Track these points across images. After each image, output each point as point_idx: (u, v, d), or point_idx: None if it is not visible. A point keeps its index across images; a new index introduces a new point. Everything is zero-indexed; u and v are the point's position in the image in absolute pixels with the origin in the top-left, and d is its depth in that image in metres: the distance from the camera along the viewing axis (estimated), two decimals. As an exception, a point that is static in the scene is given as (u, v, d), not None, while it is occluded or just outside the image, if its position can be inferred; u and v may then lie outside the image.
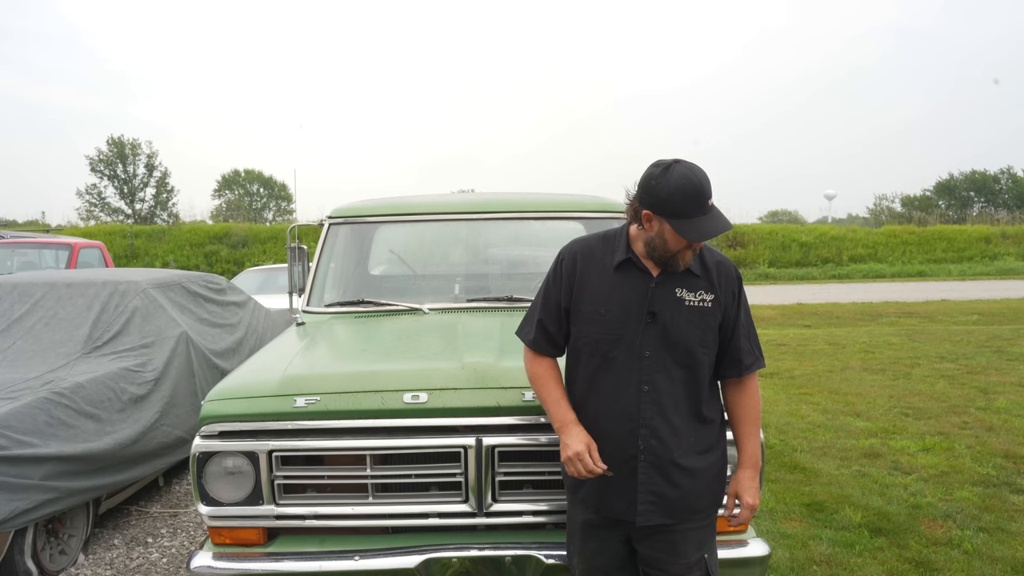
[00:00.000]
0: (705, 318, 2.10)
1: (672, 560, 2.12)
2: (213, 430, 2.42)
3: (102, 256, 10.14)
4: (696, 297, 2.10)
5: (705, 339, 2.11)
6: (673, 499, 2.10)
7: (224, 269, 24.27)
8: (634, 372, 2.08)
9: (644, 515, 2.10)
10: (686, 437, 2.10)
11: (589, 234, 2.33)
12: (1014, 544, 3.76)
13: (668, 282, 2.11)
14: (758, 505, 2.19)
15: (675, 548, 2.13)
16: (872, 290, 19.62)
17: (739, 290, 2.17)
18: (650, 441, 2.07)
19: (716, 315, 2.12)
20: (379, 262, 4.26)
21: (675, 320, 2.08)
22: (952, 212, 43.14)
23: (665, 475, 2.08)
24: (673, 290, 2.10)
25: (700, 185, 1.97)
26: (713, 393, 2.20)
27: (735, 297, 2.15)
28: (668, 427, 2.08)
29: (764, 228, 30.07)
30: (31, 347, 4.22)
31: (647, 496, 2.09)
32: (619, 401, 2.09)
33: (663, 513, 2.10)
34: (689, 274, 2.11)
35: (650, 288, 2.10)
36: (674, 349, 2.08)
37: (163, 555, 3.97)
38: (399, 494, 2.49)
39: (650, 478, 2.08)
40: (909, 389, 7.31)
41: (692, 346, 2.09)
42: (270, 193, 54.71)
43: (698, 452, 2.12)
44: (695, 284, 2.11)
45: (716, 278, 2.13)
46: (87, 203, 41.88)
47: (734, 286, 2.15)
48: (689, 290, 2.10)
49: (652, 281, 2.11)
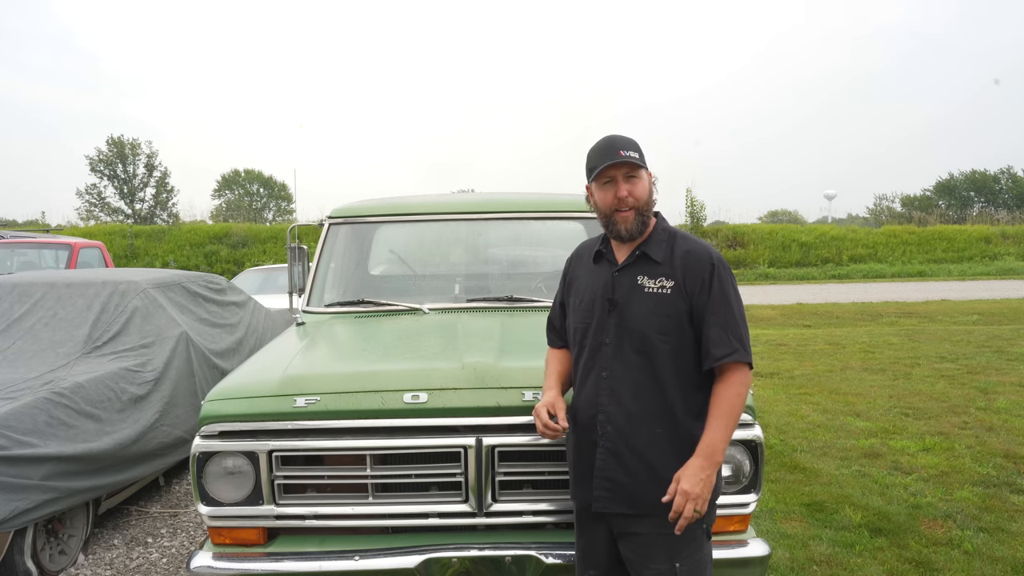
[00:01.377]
0: (663, 305, 2.06)
1: (642, 563, 2.09)
2: (213, 430, 2.42)
3: (102, 256, 10.14)
4: (655, 284, 2.09)
5: (664, 327, 2.06)
6: (627, 487, 2.07)
7: (224, 269, 24.27)
8: (597, 359, 2.13)
9: (599, 501, 2.11)
10: (647, 427, 2.06)
11: (597, 236, 2.36)
12: (1014, 544, 3.76)
13: (630, 270, 2.13)
14: (698, 497, 1.95)
15: (644, 551, 2.09)
16: (872, 290, 19.62)
17: (710, 278, 2.07)
18: (607, 427, 2.09)
19: (677, 303, 2.06)
20: (379, 262, 4.26)
21: (632, 306, 2.09)
22: (952, 212, 43.15)
23: (620, 462, 2.08)
24: (635, 277, 2.12)
25: (611, 139, 2.11)
26: (691, 387, 2.08)
27: (704, 285, 2.06)
28: (623, 414, 2.07)
29: (764, 228, 30.08)
30: (31, 347, 4.22)
31: (602, 482, 2.10)
32: (586, 387, 2.16)
33: (618, 501, 2.09)
34: (651, 261, 2.11)
35: (612, 276, 2.14)
36: (630, 336, 2.08)
37: (163, 555, 3.97)
38: (399, 494, 2.49)
39: (606, 463, 2.10)
40: (909, 389, 7.31)
41: (648, 333, 2.06)
42: (270, 193, 54.73)
43: (667, 447, 2.05)
44: (656, 271, 2.10)
45: (680, 265, 2.09)
46: (87, 203, 41.93)
47: (704, 273, 2.07)
48: (650, 277, 2.10)
49: (615, 268, 2.15)
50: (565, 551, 2.38)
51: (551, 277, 3.85)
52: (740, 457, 2.41)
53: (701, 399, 2.08)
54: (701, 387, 2.09)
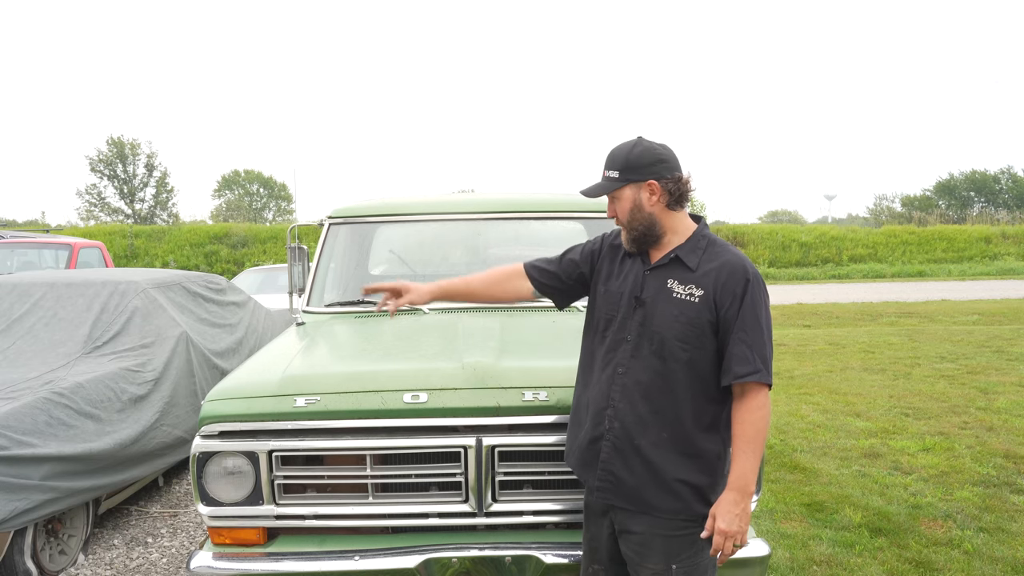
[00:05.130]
0: (688, 313, 2.03)
1: (640, 563, 2.10)
2: (213, 430, 2.42)
3: (102, 256, 10.14)
4: (684, 290, 2.06)
5: (685, 335, 2.03)
6: (628, 484, 2.08)
7: (224, 269, 24.28)
8: (616, 354, 2.12)
9: (599, 491, 2.13)
10: (654, 430, 2.05)
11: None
12: (1014, 544, 3.76)
13: (663, 271, 2.11)
14: (737, 533, 1.98)
15: (641, 550, 2.09)
16: (872, 290, 19.62)
17: (744, 293, 2.03)
18: (614, 423, 2.09)
19: (703, 313, 2.03)
20: (379, 262, 4.26)
21: (657, 309, 2.08)
22: (952, 212, 43.19)
23: (624, 459, 2.08)
24: (665, 280, 2.10)
25: (609, 154, 2.15)
26: (704, 399, 2.06)
27: (736, 299, 2.02)
28: (633, 414, 2.07)
29: (764, 228, 30.10)
30: (31, 347, 4.22)
31: (604, 475, 2.11)
32: (601, 380, 2.15)
33: (617, 495, 2.10)
34: (684, 267, 2.09)
35: (644, 274, 2.13)
36: (651, 338, 2.07)
37: (163, 555, 3.97)
38: (399, 494, 2.49)
39: (610, 458, 2.10)
40: (909, 389, 7.31)
41: (668, 338, 2.04)
42: (270, 193, 54.78)
43: (672, 453, 2.04)
44: (687, 277, 2.08)
45: (714, 276, 2.05)
46: (87, 203, 41.98)
47: (737, 287, 2.03)
48: (680, 282, 2.08)
49: (647, 267, 2.14)
50: (565, 551, 2.39)
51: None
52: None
53: (713, 411, 2.07)
54: (715, 400, 2.07)
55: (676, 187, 2.09)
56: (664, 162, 2.10)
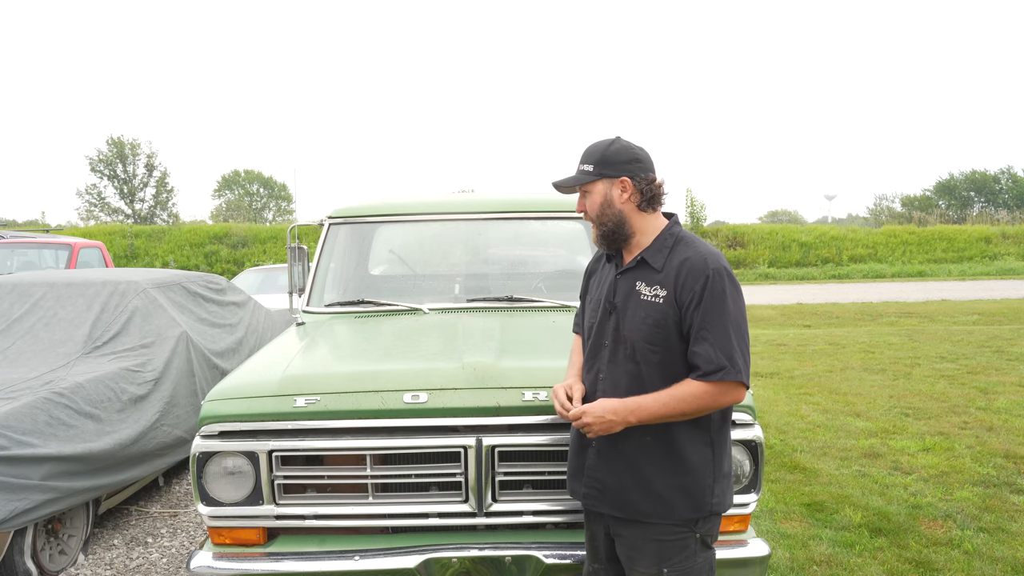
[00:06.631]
0: (654, 314, 2.01)
1: (631, 567, 2.10)
2: (213, 430, 2.42)
3: (102, 256, 10.14)
4: (650, 291, 2.04)
5: (653, 337, 2.00)
6: (614, 490, 2.07)
7: (224, 269, 24.28)
8: (597, 359, 2.15)
9: (587, 499, 2.14)
10: (637, 433, 2.02)
11: None
12: (1014, 544, 3.76)
13: (631, 274, 2.11)
14: (592, 424, 1.99)
15: (632, 554, 2.09)
16: (872, 290, 19.62)
17: (704, 289, 1.96)
18: None
19: (668, 313, 1.99)
20: (379, 262, 4.26)
21: (627, 312, 2.08)
22: (952, 212, 43.18)
23: (609, 465, 2.08)
24: (634, 283, 2.09)
25: (586, 150, 2.15)
26: None
27: (695, 296, 1.96)
28: None
29: (764, 228, 30.09)
30: (31, 347, 4.22)
31: (591, 482, 2.12)
32: (587, 385, 2.18)
33: (604, 502, 2.10)
34: (650, 268, 2.07)
35: (615, 278, 2.14)
36: (624, 342, 2.07)
37: (163, 555, 3.97)
38: (399, 494, 2.49)
39: (596, 464, 2.11)
40: (909, 389, 7.31)
41: (638, 342, 2.03)
42: (270, 193, 54.79)
43: (657, 456, 2.03)
44: (653, 278, 2.05)
45: (675, 274, 2.01)
46: (87, 203, 41.97)
47: (696, 284, 1.97)
48: (647, 284, 2.06)
49: (618, 271, 2.14)
50: (565, 551, 2.39)
51: (551, 277, 3.85)
52: (740, 457, 2.41)
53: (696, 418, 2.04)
54: None
55: (649, 188, 2.09)
56: (639, 162, 2.09)
